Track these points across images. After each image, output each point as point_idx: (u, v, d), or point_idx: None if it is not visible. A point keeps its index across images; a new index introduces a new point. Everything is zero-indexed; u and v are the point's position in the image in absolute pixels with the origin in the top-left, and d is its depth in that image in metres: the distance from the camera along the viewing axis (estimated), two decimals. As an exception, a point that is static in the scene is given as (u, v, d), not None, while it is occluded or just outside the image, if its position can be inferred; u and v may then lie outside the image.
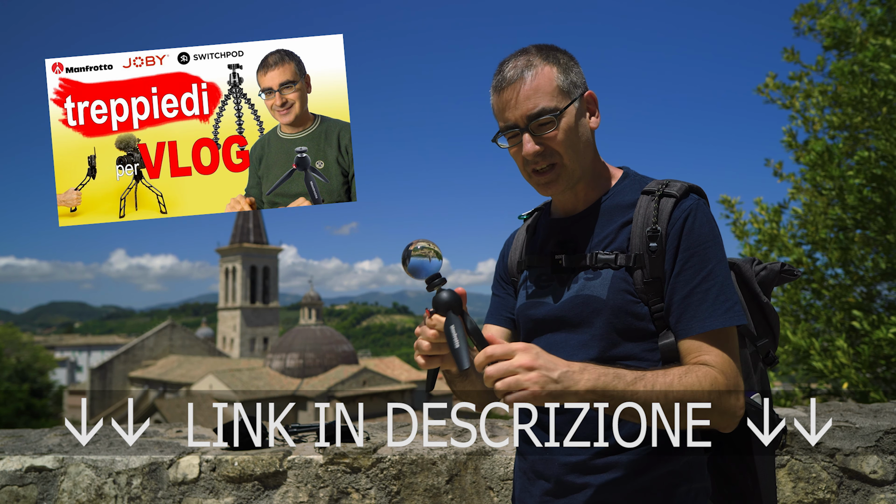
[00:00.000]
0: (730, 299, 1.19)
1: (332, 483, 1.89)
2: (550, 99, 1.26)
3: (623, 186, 1.33)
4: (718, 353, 1.18)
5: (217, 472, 1.87)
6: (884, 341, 4.27)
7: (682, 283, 1.20)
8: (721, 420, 1.16)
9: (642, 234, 1.23)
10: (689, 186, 1.26)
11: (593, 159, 1.34)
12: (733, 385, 1.16)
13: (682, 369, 1.15)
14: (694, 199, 1.24)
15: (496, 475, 1.93)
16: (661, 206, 1.23)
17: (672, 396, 1.12)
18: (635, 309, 1.23)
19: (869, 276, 4.89)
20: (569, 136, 1.27)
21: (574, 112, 1.28)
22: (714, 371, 1.16)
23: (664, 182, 1.27)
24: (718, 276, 1.20)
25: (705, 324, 1.18)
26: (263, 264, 57.58)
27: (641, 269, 1.23)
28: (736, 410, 1.16)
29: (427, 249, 1.22)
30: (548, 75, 1.27)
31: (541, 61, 1.27)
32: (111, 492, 1.84)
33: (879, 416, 2.12)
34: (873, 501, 1.94)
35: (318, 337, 41.68)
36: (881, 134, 4.57)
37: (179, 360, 48.05)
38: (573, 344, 1.26)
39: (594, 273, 1.27)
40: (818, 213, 4.97)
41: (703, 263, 1.20)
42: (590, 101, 1.32)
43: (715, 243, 1.22)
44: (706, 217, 1.23)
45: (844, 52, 5.39)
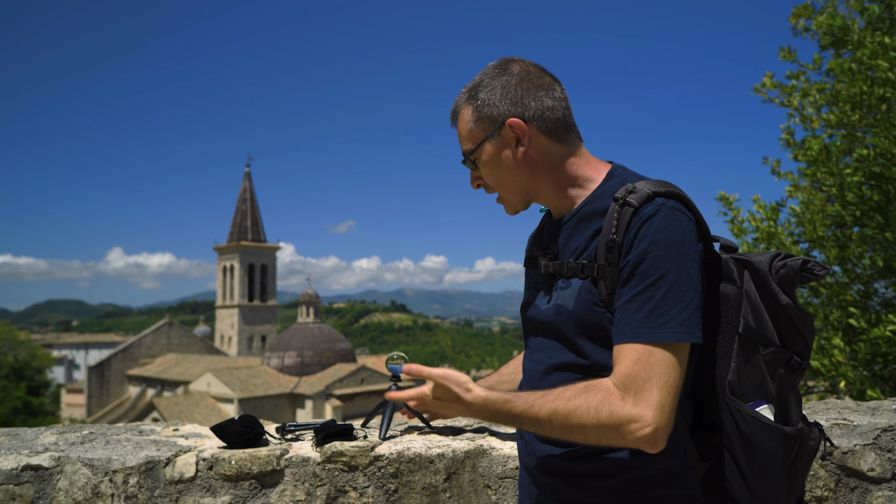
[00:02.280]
0: (667, 313, 1.11)
1: (329, 481, 1.88)
2: (467, 142, 1.35)
3: (603, 190, 1.29)
4: (629, 367, 1.11)
5: (214, 470, 1.86)
6: (881, 339, 4.28)
7: (626, 290, 1.16)
8: (619, 440, 1.10)
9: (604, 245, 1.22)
10: (652, 192, 1.19)
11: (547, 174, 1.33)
12: (631, 401, 1.09)
13: (578, 388, 1.15)
14: (656, 205, 1.17)
15: (494, 473, 1.93)
16: (622, 214, 1.19)
17: (557, 420, 1.14)
18: (599, 319, 1.21)
19: (866, 274, 4.90)
20: (490, 173, 1.34)
21: (491, 149, 1.33)
22: (611, 387, 1.12)
23: (631, 187, 1.22)
24: (663, 287, 1.12)
25: (633, 334, 1.12)
26: (261, 262, 57.55)
27: (605, 280, 1.20)
28: (630, 429, 1.08)
29: (400, 358, 1.79)
30: (465, 118, 1.34)
31: (464, 101, 1.35)
32: (107, 490, 1.84)
33: (877, 413, 2.12)
34: (871, 499, 1.94)
35: (315, 335, 41.68)
36: (879, 132, 4.57)
37: (177, 358, 48.02)
38: (554, 347, 1.31)
39: (566, 282, 1.28)
40: (816, 211, 4.98)
41: (650, 272, 1.13)
42: (515, 128, 1.29)
43: (670, 250, 1.13)
44: (665, 222, 1.15)
45: (842, 50, 5.39)
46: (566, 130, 1.33)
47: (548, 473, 1.28)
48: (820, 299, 5.03)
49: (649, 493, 1.19)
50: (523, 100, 1.30)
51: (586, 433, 1.12)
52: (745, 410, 1.19)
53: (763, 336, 1.24)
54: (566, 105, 1.33)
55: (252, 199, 57.98)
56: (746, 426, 1.19)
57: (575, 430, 1.13)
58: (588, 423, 1.11)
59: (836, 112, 5.11)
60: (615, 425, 1.09)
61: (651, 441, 1.09)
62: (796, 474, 1.22)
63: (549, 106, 1.30)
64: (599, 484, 1.21)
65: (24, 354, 43.01)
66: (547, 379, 1.29)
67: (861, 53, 4.74)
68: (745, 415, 1.19)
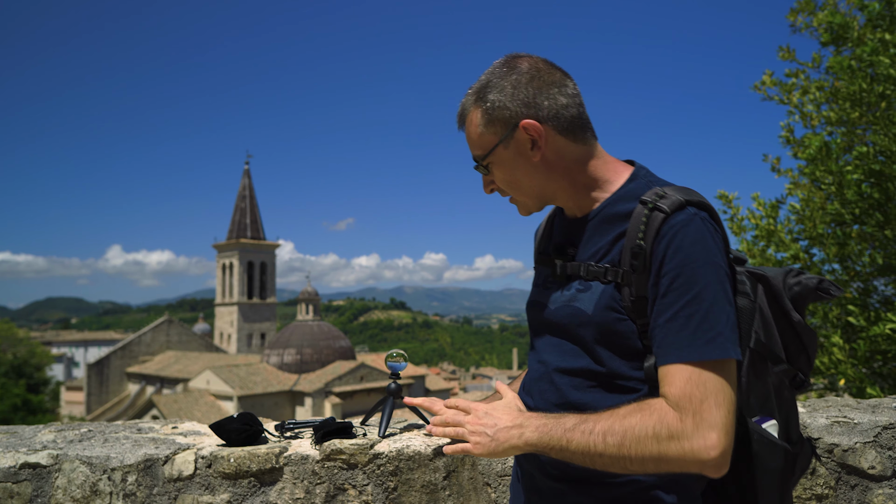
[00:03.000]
0: (714, 328, 1.07)
1: (328, 479, 1.88)
2: (477, 147, 1.28)
3: (626, 191, 1.24)
4: (682, 387, 1.06)
5: (213, 468, 1.86)
6: (880, 337, 4.28)
7: (665, 305, 1.11)
8: (684, 465, 1.05)
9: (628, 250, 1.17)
10: (685, 200, 1.14)
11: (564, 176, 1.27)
12: (691, 423, 1.03)
13: (630, 407, 1.09)
14: (688, 214, 1.13)
15: (493, 471, 1.92)
16: (651, 220, 1.14)
17: (612, 440, 1.07)
18: (621, 327, 1.17)
19: (866, 272, 4.89)
20: (505, 177, 1.29)
21: (504, 153, 1.26)
22: (666, 407, 1.07)
23: (660, 192, 1.17)
24: (705, 301, 1.08)
25: (681, 353, 1.07)
26: (260, 260, 57.53)
27: (629, 286, 1.16)
28: (699, 452, 1.03)
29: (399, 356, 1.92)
30: (474, 122, 1.28)
31: (471, 104, 1.28)
32: (106, 488, 1.83)
33: (877, 411, 2.12)
34: (871, 497, 1.94)
35: (315, 332, 41.68)
36: (879, 129, 4.57)
37: (176, 355, 48.03)
38: (567, 349, 1.25)
39: (585, 285, 1.23)
40: (816, 209, 4.97)
41: (689, 285, 1.09)
42: (530, 130, 1.22)
43: (706, 263, 1.10)
44: (699, 234, 1.11)
45: (842, 47, 5.38)
46: (582, 129, 1.26)
47: (553, 477, 1.24)
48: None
49: (655, 502, 1.17)
50: (536, 99, 1.23)
51: (644, 458, 1.06)
52: (753, 427, 1.17)
53: (772, 352, 1.22)
54: (580, 101, 1.27)
55: (251, 197, 57.95)
56: (754, 444, 1.16)
57: (631, 453, 1.06)
58: (646, 445, 1.05)
59: (835, 109, 5.10)
60: (678, 449, 1.04)
61: (717, 465, 1.04)
62: (789, 489, 1.22)
63: (563, 104, 1.24)
64: (606, 491, 1.19)
65: (24, 352, 42.99)
66: (556, 381, 1.25)
67: (861, 50, 4.73)
68: (751, 431, 1.16)
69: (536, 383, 1.31)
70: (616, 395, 1.18)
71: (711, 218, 1.16)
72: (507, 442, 1.15)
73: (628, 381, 1.18)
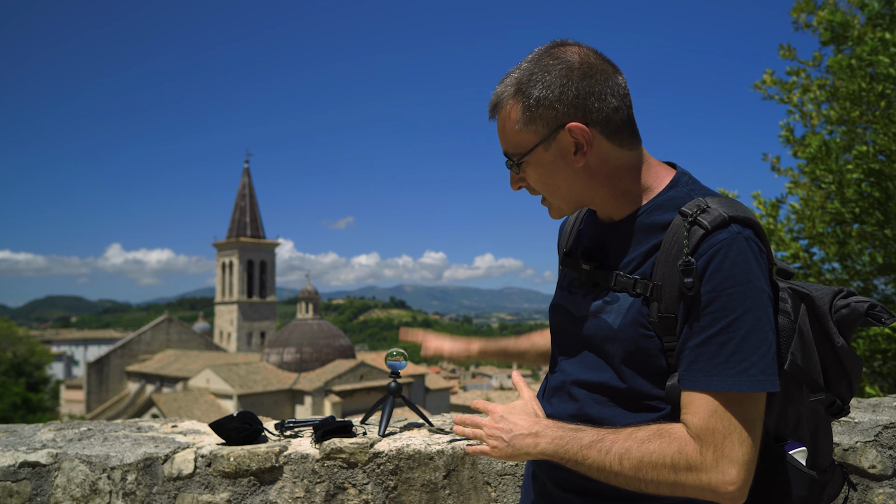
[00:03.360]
0: (747, 359, 1.01)
1: (328, 478, 1.88)
2: (513, 145, 1.17)
3: (666, 199, 1.15)
4: (706, 418, 1.02)
5: (212, 467, 1.86)
6: (880, 336, 4.28)
7: (698, 329, 1.04)
8: (701, 495, 1.02)
9: (670, 265, 1.08)
10: (728, 217, 1.05)
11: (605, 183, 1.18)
12: (711, 457, 1.00)
13: (650, 431, 1.06)
14: (731, 233, 1.04)
15: (494, 470, 1.92)
16: (692, 234, 1.06)
17: (628, 463, 1.04)
18: (647, 344, 1.11)
19: (866, 271, 4.89)
20: (541, 179, 1.18)
21: (544, 154, 1.14)
22: (686, 436, 1.03)
23: (703, 204, 1.08)
24: (741, 329, 1.02)
25: (710, 382, 1.02)
26: (260, 258, 57.48)
27: (658, 301, 1.09)
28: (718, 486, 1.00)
29: (399, 355, 2.00)
30: (510, 116, 1.15)
31: (510, 96, 1.15)
32: (105, 487, 1.83)
33: (878, 410, 2.12)
34: (872, 496, 1.93)
35: (315, 331, 41.67)
36: (879, 128, 4.56)
37: (176, 354, 48.02)
38: (589, 362, 1.21)
39: (612, 297, 1.16)
40: (815, 208, 4.97)
41: (725, 311, 1.02)
42: (576, 134, 1.11)
43: (747, 287, 1.03)
44: (741, 255, 1.03)
45: (842, 46, 5.37)
46: (630, 134, 1.16)
47: (563, 487, 1.22)
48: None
49: None
50: (586, 101, 1.11)
51: (659, 484, 1.04)
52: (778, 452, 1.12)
53: (809, 377, 1.15)
54: (629, 103, 1.16)
55: (251, 196, 57.91)
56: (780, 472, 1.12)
57: (647, 478, 1.04)
58: (663, 473, 1.03)
59: (836, 108, 5.09)
60: (696, 480, 1.02)
61: (734, 498, 1.01)
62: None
63: (614, 107, 1.12)
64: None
65: (23, 350, 42.97)
66: (574, 393, 1.21)
67: (861, 49, 4.73)
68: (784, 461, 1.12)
69: (556, 393, 1.27)
70: (636, 413, 1.14)
71: (757, 236, 1.08)
72: (523, 449, 1.13)
73: (650, 400, 1.13)
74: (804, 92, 5.51)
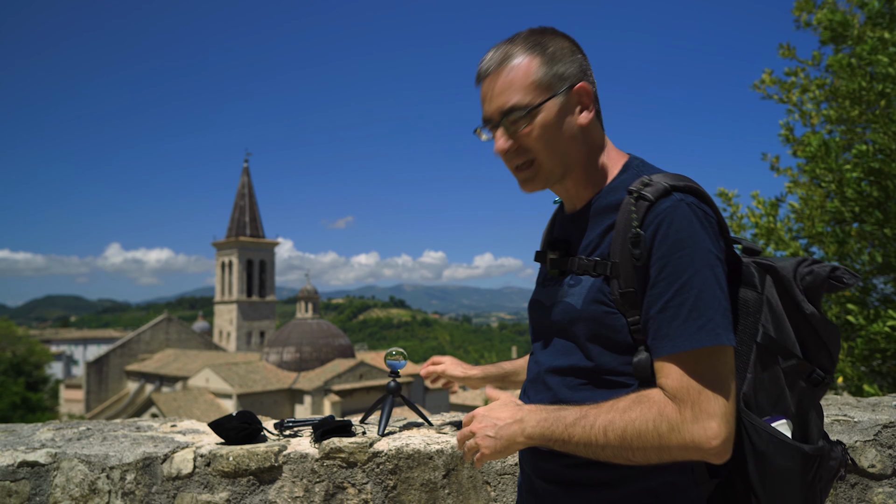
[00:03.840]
0: (704, 315, 1.05)
1: (327, 478, 1.87)
2: (525, 94, 1.18)
3: (618, 182, 1.22)
4: (679, 379, 1.06)
5: (212, 466, 1.86)
6: (879, 335, 4.28)
7: (655, 296, 1.09)
8: (686, 453, 1.05)
9: (622, 241, 1.14)
10: (669, 185, 1.12)
11: (587, 155, 1.24)
12: (691, 413, 1.03)
13: (629, 400, 1.08)
14: (673, 201, 1.10)
15: (493, 470, 1.92)
16: (638, 208, 1.12)
17: (613, 434, 1.06)
18: (611, 321, 1.15)
19: (865, 270, 4.89)
20: (545, 134, 1.19)
21: (555, 107, 1.19)
22: (664, 399, 1.06)
23: (647, 180, 1.15)
24: (694, 288, 1.06)
25: (674, 344, 1.06)
26: (260, 258, 57.46)
27: (617, 278, 1.14)
28: (701, 441, 1.03)
29: (399, 354, 2.02)
30: (525, 68, 1.19)
31: (522, 51, 1.20)
32: (104, 487, 1.83)
33: (878, 409, 2.12)
34: (871, 495, 1.94)
35: (314, 330, 41.67)
36: (879, 127, 4.56)
37: (176, 353, 48.00)
38: (558, 348, 1.25)
39: (575, 279, 1.21)
40: (815, 207, 4.97)
41: (677, 274, 1.07)
42: (582, 93, 1.21)
43: (693, 249, 1.07)
44: (685, 220, 1.09)
45: (842, 45, 5.37)
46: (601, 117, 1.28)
47: (546, 479, 1.24)
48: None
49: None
50: (587, 71, 1.22)
51: (646, 449, 1.05)
52: (760, 425, 1.13)
53: (783, 347, 1.16)
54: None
55: (250, 195, 57.88)
56: (761, 442, 1.12)
57: (633, 445, 1.05)
58: (648, 438, 1.05)
59: (835, 108, 5.09)
60: (679, 440, 1.04)
61: (718, 453, 1.04)
62: (815, 496, 1.15)
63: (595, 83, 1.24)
64: (599, 494, 1.17)
65: (23, 350, 42.96)
66: (547, 382, 1.24)
67: (861, 48, 4.73)
68: (759, 430, 1.12)
69: (532, 385, 1.30)
70: (606, 390, 1.16)
71: (702, 201, 1.14)
72: (511, 438, 1.13)
73: (618, 376, 1.16)
74: (803, 91, 5.51)
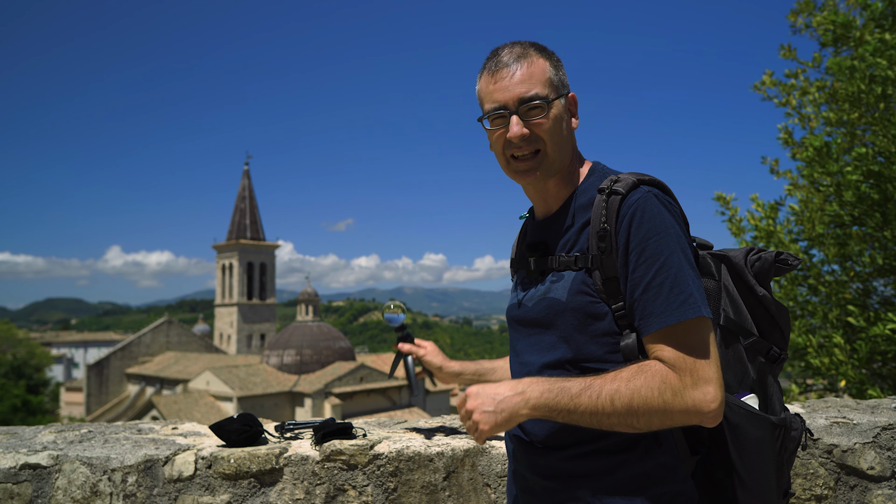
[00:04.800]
0: (684, 291, 1.16)
1: (328, 480, 1.88)
2: (543, 87, 1.30)
3: (587, 185, 1.34)
4: (673, 350, 1.14)
5: (213, 469, 1.86)
6: (880, 338, 4.28)
7: (637, 279, 1.19)
8: (687, 417, 1.13)
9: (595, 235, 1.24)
10: (637, 180, 1.24)
11: (571, 157, 1.36)
12: (691, 379, 1.12)
13: (631, 370, 1.15)
14: (642, 192, 1.22)
15: (493, 472, 1.92)
16: (610, 204, 1.23)
17: (619, 403, 1.12)
18: (595, 309, 1.23)
19: (865, 273, 4.89)
20: (555, 126, 1.31)
21: (561, 107, 1.33)
22: (665, 368, 1.14)
23: (615, 178, 1.26)
24: (671, 268, 1.16)
25: (662, 319, 1.15)
26: (260, 260, 57.44)
27: (599, 269, 1.23)
28: (700, 405, 1.11)
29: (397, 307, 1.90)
30: (542, 66, 1.31)
31: (536, 53, 1.32)
32: (106, 489, 1.83)
33: (877, 412, 2.12)
34: (871, 497, 1.94)
35: (315, 333, 41.64)
36: (878, 130, 4.57)
37: (176, 356, 47.98)
38: (544, 345, 1.30)
39: (558, 275, 1.29)
40: (815, 210, 4.97)
41: (654, 257, 1.17)
42: (573, 102, 1.36)
43: (665, 234, 1.18)
44: (655, 209, 1.20)
45: (842, 47, 5.38)
46: None
47: (544, 475, 1.27)
48: (819, 297, 5.03)
49: (647, 490, 1.19)
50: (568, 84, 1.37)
51: (651, 415, 1.12)
52: (732, 400, 1.22)
53: (742, 327, 1.29)
54: None
55: (251, 197, 57.90)
56: (733, 416, 1.21)
57: (639, 412, 1.12)
58: (653, 404, 1.11)
59: (835, 110, 5.10)
60: (682, 404, 1.11)
61: (715, 416, 1.13)
62: (782, 465, 1.27)
63: None
64: (596, 483, 1.21)
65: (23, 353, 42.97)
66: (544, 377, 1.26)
67: (863, 50, 4.73)
68: (731, 405, 1.22)
69: None
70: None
71: (665, 193, 1.25)
72: (513, 409, 1.16)
73: (606, 364, 1.22)
74: (803, 94, 5.52)
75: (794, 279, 5.04)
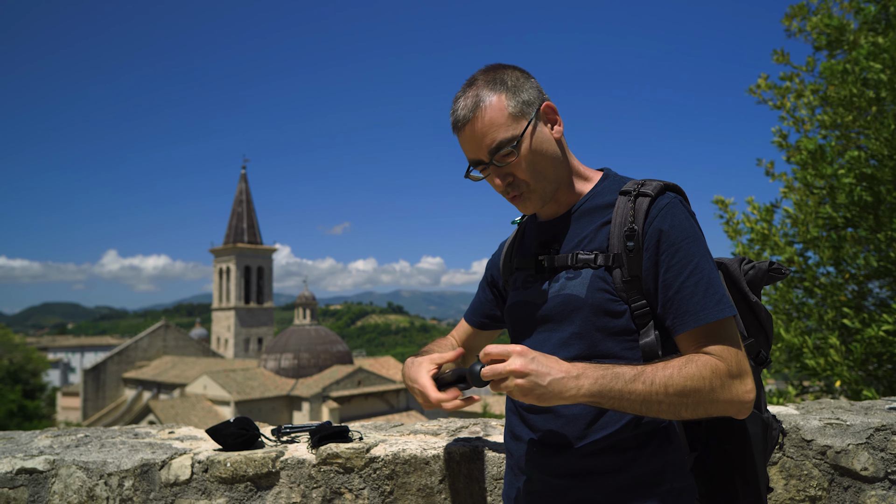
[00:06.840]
0: (718, 292, 1.20)
1: (325, 483, 1.89)
2: (506, 129, 1.27)
3: (603, 187, 1.35)
4: (717, 344, 1.18)
5: (209, 473, 1.86)
6: (875, 339, 4.30)
7: (670, 279, 1.21)
8: (729, 407, 1.16)
9: (620, 234, 1.25)
10: (664, 185, 1.27)
11: (569, 163, 1.37)
12: (736, 371, 1.16)
13: (682, 360, 1.16)
14: (670, 197, 1.25)
15: (489, 475, 1.93)
16: (637, 205, 1.25)
17: (673, 389, 1.13)
18: (614, 307, 1.24)
19: (860, 275, 4.92)
20: (532, 160, 1.29)
21: (533, 132, 1.29)
22: (713, 359, 1.17)
23: (640, 182, 1.29)
24: (705, 270, 1.21)
25: (699, 317, 1.18)
26: (257, 264, 57.37)
27: (620, 267, 1.24)
28: (742, 395, 1.16)
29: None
30: (497, 106, 1.27)
31: (488, 92, 1.28)
32: (103, 493, 1.84)
33: (870, 413, 2.13)
34: (864, 498, 1.95)
35: (312, 337, 41.60)
36: (871, 133, 4.60)
37: (173, 360, 47.87)
38: (554, 342, 1.29)
39: (574, 272, 1.29)
40: (809, 213, 5.00)
41: (687, 259, 1.21)
42: (548, 111, 1.33)
43: (695, 239, 1.23)
44: (683, 214, 1.24)
45: (836, 51, 5.41)
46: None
47: (556, 474, 1.27)
48: (815, 299, 5.05)
49: (658, 487, 1.22)
50: (541, 89, 1.35)
51: (698, 404, 1.14)
52: None
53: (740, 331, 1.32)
54: None
55: (248, 201, 57.85)
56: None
57: (689, 400, 1.14)
58: (703, 393, 1.14)
59: (829, 113, 5.13)
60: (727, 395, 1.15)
61: (751, 407, 1.18)
62: (765, 461, 1.33)
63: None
64: (612, 480, 1.22)
65: (20, 357, 42.83)
66: None
67: (857, 53, 4.76)
68: None
69: None
70: None
71: (687, 202, 1.30)
72: (561, 393, 1.09)
73: (621, 361, 1.23)
74: (798, 97, 5.55)
75: (790, 281, 5.07)
